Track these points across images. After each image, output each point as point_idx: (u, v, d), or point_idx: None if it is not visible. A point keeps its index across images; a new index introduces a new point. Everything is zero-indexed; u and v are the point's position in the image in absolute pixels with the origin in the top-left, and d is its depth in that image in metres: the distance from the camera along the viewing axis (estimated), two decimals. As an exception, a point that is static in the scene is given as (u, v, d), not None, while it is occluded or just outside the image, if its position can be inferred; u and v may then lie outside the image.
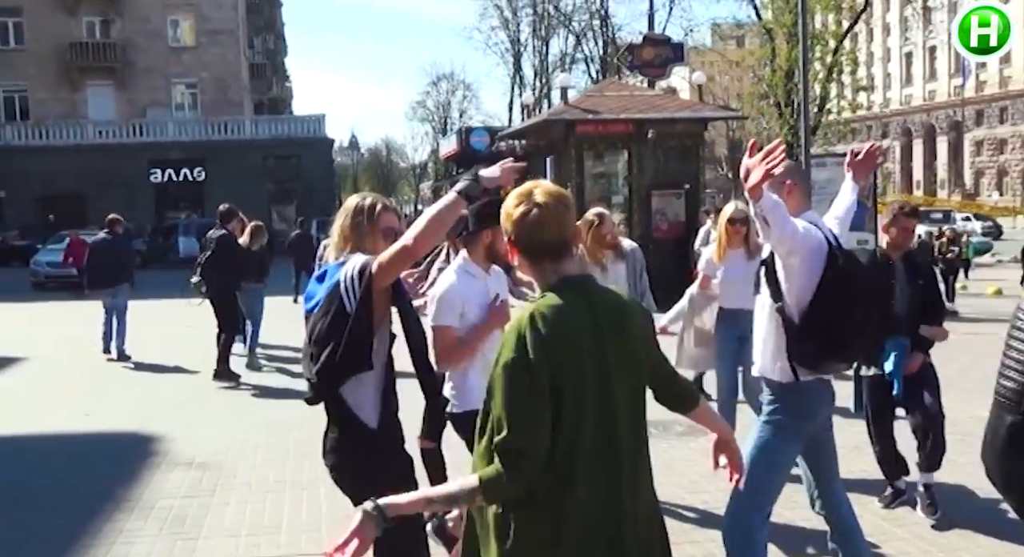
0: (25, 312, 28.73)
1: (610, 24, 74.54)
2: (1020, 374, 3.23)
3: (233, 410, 12.88)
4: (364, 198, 5.56)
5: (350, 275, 5.00)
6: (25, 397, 15.42)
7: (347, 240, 5.31)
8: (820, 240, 5.78)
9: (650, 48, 38.09)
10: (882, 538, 7.72)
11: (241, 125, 63.32)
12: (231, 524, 8.68)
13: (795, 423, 5.94)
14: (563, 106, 30.01)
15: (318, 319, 5.09)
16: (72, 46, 62.76)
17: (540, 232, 3.77)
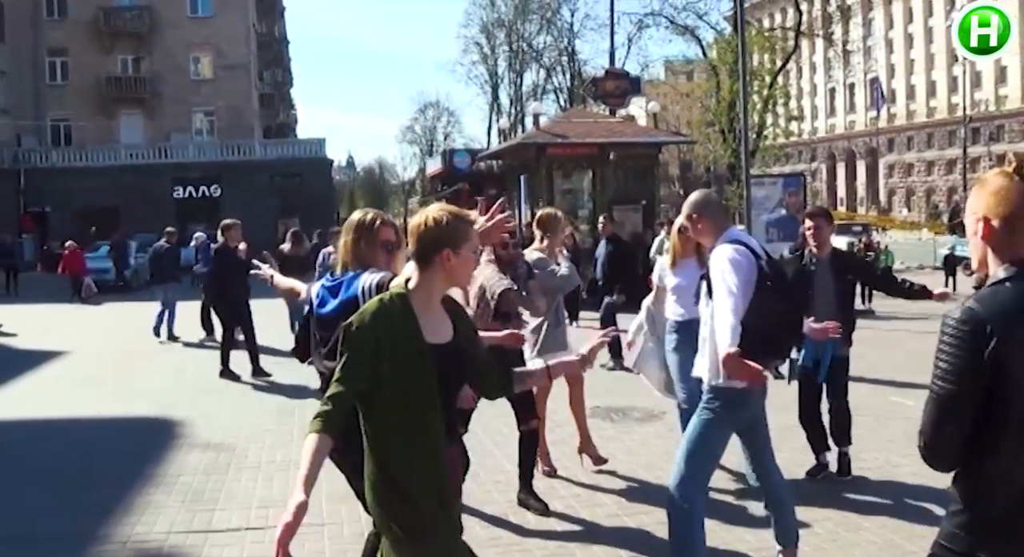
0: (68, 312, 28.38)
1: (576, 60, 74.90)
2: (959, 380, 3.10)
3: (245, 399, 12.80)
4: (365, 214, 5.43)
5: (368, 288, 4.90)
6: (66, 385, 15.36)
7: (351, 253, 5.20)
8: (750, 267, 5.76)
9: (611, 81, 37.99)
10: (810, 503, 7.60)
11: (252, 148, 63.11)
12: (243, 498, 8.66)
13: (731, 415, 5.96)
14: (535, 131, 30.00)
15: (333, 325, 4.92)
16: (108, 80, 62.78)
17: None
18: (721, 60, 46.09)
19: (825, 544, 7.04)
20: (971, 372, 3.09)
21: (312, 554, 7.06)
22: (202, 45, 63.72)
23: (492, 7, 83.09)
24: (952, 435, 3.20)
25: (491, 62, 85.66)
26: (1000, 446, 3.14)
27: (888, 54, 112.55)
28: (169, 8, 62.92)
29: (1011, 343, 3.04)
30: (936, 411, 3.21)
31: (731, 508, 7.80)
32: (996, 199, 3.22)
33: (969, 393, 3.11)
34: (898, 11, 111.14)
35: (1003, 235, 3.20)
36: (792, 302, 6.01)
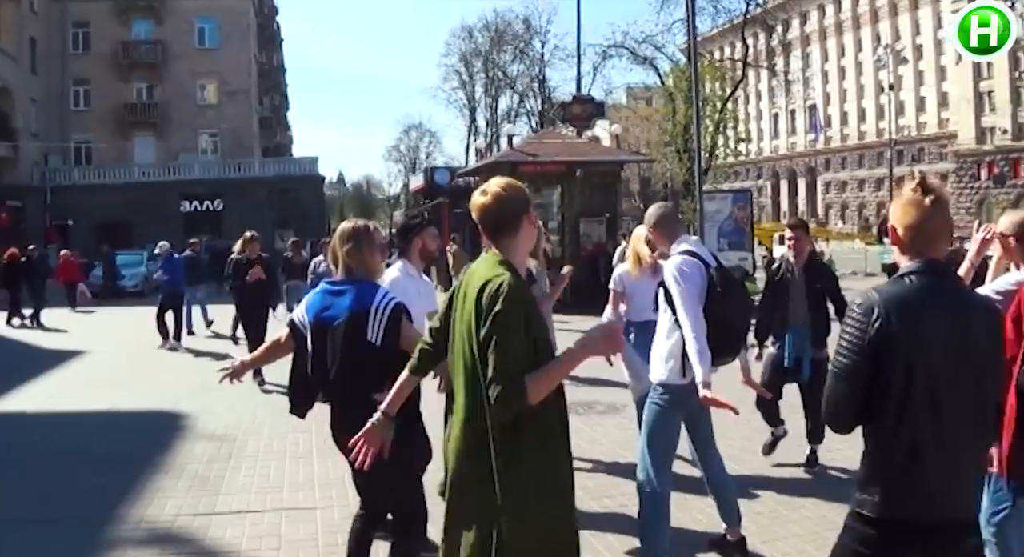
0: (85, 316, 28.17)
1: (546, 86, 74.71)
2: (855, 354, 3.38)
3: (245, 395, 12.67)
4: (355, 222, 5.39)
5: (383, 308, 4.88)
6: (83, 382, 15.34)
7: (353, 258, 5.12)
8: (699, 279, 5.81)
9: (578, 105, 37.96)
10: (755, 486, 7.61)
11: (252, 166, 63.29)
12: (243, 484, 8.65)
13: (676, 406, 6.00)
14: (509, 150, 29.90)
15: (339, 338, 4.92)
16: (126, 106, 63.00)
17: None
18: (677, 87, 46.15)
19: (767, 521, 7.11)
20: (863, 348, 3.35)
21: (304, 537, 7.01)
22: (208, 74, 63.92)
23: (470, 39, 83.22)
24: (848, 401, 3.43)
25: (469, 88, 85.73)
26: (886, 412, 3.34)
27: (824, 84, 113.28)
28: (179, 41, 63.30)
29: (895, 326, 3.29)
30: (835, 381, 3.46)
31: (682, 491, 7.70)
32: (902, 210, 3.50)
33: (862, 366, 3.36)
34: (832, 46, 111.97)
35: (908, 240, 3.48)
36: (738, 306, 6.00)
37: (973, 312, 3.44)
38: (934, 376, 3.30)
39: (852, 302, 3.47)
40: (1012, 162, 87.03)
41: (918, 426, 3.32)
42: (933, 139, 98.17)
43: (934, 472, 3.32)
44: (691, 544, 6.64)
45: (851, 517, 3.50)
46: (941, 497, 3.33)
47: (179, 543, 7.00)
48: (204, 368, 16.12)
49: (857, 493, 3.48)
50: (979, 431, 3.43)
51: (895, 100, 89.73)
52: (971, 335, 3.36)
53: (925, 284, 3.39)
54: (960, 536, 3.40)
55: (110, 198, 55.38)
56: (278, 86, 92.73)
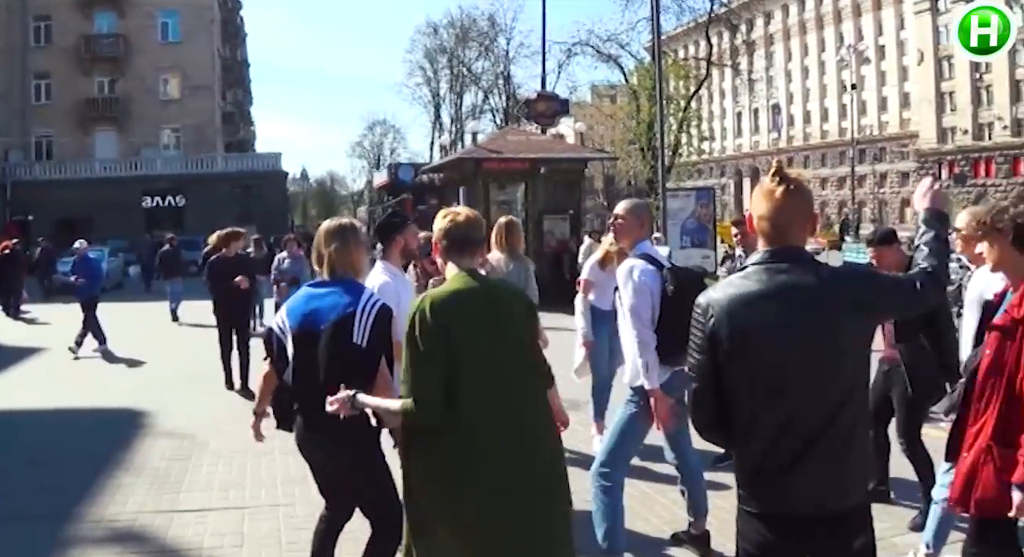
0: (43, 311, 27.73)
1: (511, 83, 74.89)
2: (699, 353, 3.44)
3: (206, 393, 12.65)
4: (339, 220, 5.32)
5: (368, 311, 4.82)
6: (44, 379, 15.20)
7: (337, 259, 5.01)
8: (649, 282, 5.93)
9: (543, 103, 38.01)
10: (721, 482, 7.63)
11: (214, 161, 62.93)
12: (205, 481, 8.60)
13: (651, 413, 6.00)
14: (473, 147, 29.90)
15: (326, 341, 4.84)
16: (87, 101, 62.38)
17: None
18: (641, 86, 46.34)
19: (729, 515, 7.02)
20: (704, 346, 3.41)
21: (267, 534, 7.00)
22: (170, 68, 63.38)
23: (435, 35, 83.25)
24: (702, 399, 3.50)
25: (434, 84, 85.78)
26: (735, 408, 3.39)
27: (787, 83, 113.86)
28: (141, 35, 62.69)
29: (726, 321, 3.35)
30: (691, 381, 3.54)
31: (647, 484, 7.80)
32: (756, 200, 3.49)
33: (706, 363, 3.41)
34: (796, 46, 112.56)
35: (761, 229, 3.47)
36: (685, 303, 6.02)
37: (820, 295, 3.32)
38: (782, 367, 3.29)
39: (697, 306, 3.51)
40: (972, 162, 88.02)
41: (765, 420, 3.33)
42: (895, 138, 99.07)
43: (787, 466, 3.30)
44: (653, 540, 6.68)
45: (736, 509, 3.55)
46: (799, 489, 3.30)
47: (140, 541, 6.96)
48: (164, 365, 16.17)
49: (737, 485, 3.54)
50: (842, 416, 3.32)
51: (857, 100, 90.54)
52: (817, 319, 3.29)
53: (765, 275, 3.37)
54: (830, 528, 3.34)
55: (71, 193, 54.77)
56: (241, 81, 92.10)
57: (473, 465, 3.93)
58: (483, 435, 3.94)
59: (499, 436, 3.96)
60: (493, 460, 3.93)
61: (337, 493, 5.18)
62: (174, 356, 17.29)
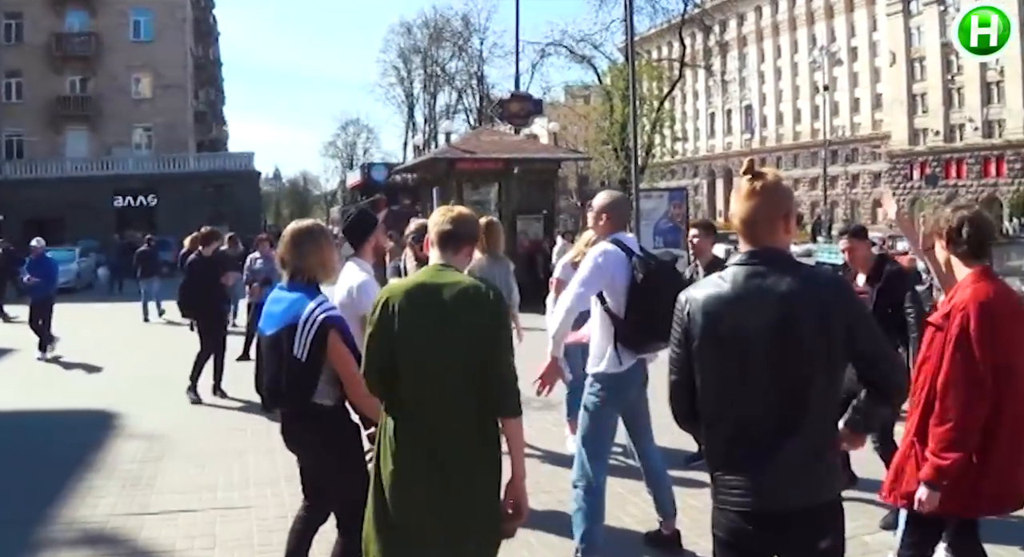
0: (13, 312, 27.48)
1: (485, 83, 74.91)
2: (677, 347, 3.55)
3: (178, 394, 12.56)
4: (305, 222, 5.27)
5: (311, 321, 4.75)
6: (15, 381, 15.07)
7: (303, 262, 4.98)
8: (616, 265, 5.97)
9: (516, 103, 37.99)
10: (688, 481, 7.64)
11: (186, 161, 62.55)
12: (176, 483, 8.55)
13: (612, 398, 6.10)
14: (447, 147, 29.89)
15: (270, 348, 4.89)
16: (58, 99, 61.80)
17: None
18: (614, 86, 46.45)
19: (700, 514, 7.03)
20: (681, 341, 3.52)
21: (239, 536, 6.97)
22: (143, 67, 62.88)
23: (409, 35, 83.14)
24: (678, 393, 3.59)
25: (407, 84, 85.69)
26: (704, 403, 3.48)
27: (760, 84, 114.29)
28: (114, 33, 62.23)
29: (700, 319, 3.44)
30: (669, 375, 3.62)
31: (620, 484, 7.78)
32: (734, 202, 3.57)
33: (683, 358, 3.52)
34: (768, 47, 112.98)
35: (740, 229, 3.53)
36: (663, 294, 5.84)
37: (795, 299, 3.35)
38: (752, 366, 3.35)
39: (678, 301, 3.60)
40: (943, 163, 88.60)
41: (739, 418, 3.40)
42: (867, 140, 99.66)
43: (757, 463, 3.37)
44: (626, 539, 6.70)
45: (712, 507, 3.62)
46: (765, 486, 3.35)
47: (112, 543, 6.93)
48: (135, 366, 16.07)
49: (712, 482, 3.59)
50: (805, 419, 3.35)
51: (830, 101, 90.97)
52: (788, 324, 3.32)
53: (745, 274, 3.42)
54: (800, 522, 3.38)
55: (42, 193, 54.28)
56: (214, 80, 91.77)
57: (387, 455, 4.06)
58: (400, 431, 4.04)
59: (411, 441, 4.03)
60: (403, 456, 4.02)
61: (320, 493, 5.18)
62: (145, 357, 17.22)
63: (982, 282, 4.30)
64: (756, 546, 3.45)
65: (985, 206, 58.53)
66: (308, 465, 5.13)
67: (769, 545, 3.45)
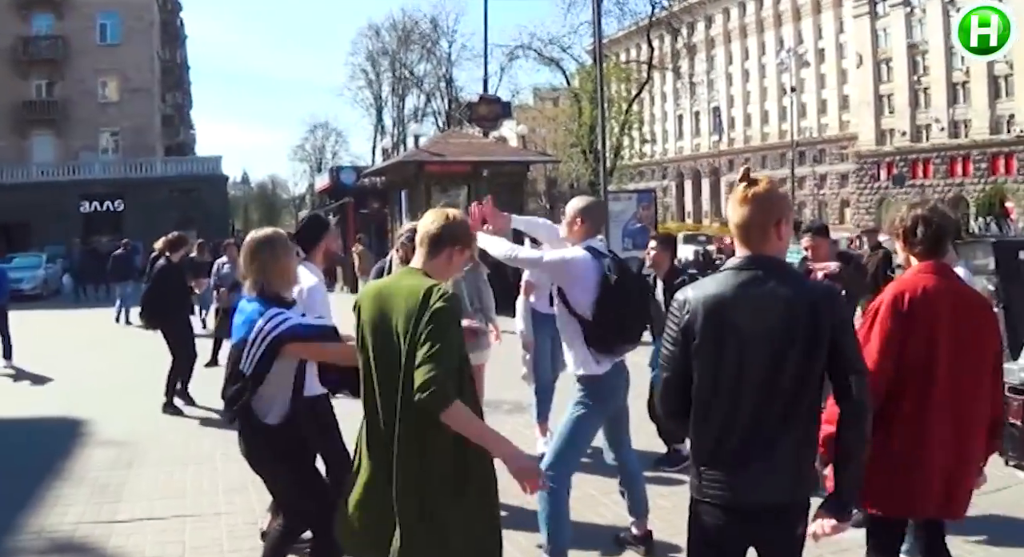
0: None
1: (453, 86, 75.04)
2: (672, 344, 3.62)
3: (145, 401, 12.47)
4: (264, 231, 5.16)
5: (261, 336, 4.68)
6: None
7: (261, 273, 4.89)
8: (585, 266, 5.93)
9: (485, 106, 37.95)
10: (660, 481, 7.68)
11: (154, 165, 61.91)
12: (145, 490, 8.49)
13: (600, 408, 6.08)
14: (415, 150, 29.93)
15: (229, 360, 4.88)
16: (24, 104, 61.23)
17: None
18: (583, 89, 46.56)
19: (671, 515, 7.10)
20: (677, 339, 3.60)
21: (208, 543, 6.93)
22: (109, 70, 62.34)
23: (377, 37, 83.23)
24: (670, 389, 3.68)
25: (376, 87, 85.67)
26: (698, 400, 3.57)
27: (728, 86, 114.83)
28: (80, 37, 61.66)
29: (701, 318, 3.52)
30: (661, 371, 3.72)
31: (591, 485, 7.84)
32: (730, 208, 3.68)
33: (678, 355, 3.60)
34: (736, 50, 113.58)
35: (737, 235, 3.65)
36: (633, 296, 6.12)
37: (794, 304, 3.49)
38: (746, 366, 3.48)
39: (675, 300, 3.69)
40: (910, 163, 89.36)
41: (730, 415, 3.52)
42: (834, 140, 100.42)
43: (745, 459, 3.50)
44: (598, 540, 6.72)
45: (690, 499, 3.72)
46: (753, 483, 3.49)
47: (80, 552, 6.90)
48: (100, 372, 15.94)
49: (690, 475, 3.71)
50: (800, 418, 3.51)
51: (797, 102, 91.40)
52: (786, 327, 3.46)
53: (741, 278, 3.55)
54: (777, 518, 3.56)
55: (8, 198, 53.55)
56: (181, 84, 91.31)
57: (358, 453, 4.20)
58: (362, 431, 4.17)
59: (368, 436, 4.12)
60: (364, 452, 4.13)
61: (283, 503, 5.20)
62: (112, 363, 17.09)
63: (921, 274, 4.33)
64: (735, 540, 3.63)
65: (952, 205, 58.97)
66: (264, 478, 5.09)
67: (748, 539, 3.64)
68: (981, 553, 6.18)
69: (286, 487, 4.99)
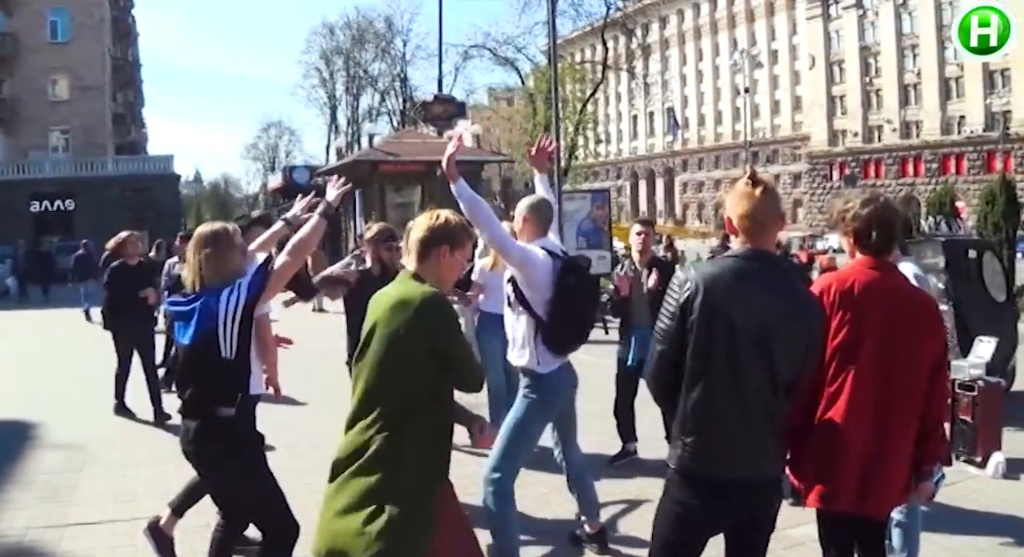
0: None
1: (408, 85, 75.07)
2: (669, 319, 3.77)
3: (95, 403, 12.31)
4: (212, 225, 5.08)
5: (232, 311, 4.64)
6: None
7: (208, 267, 4.82)
8: (544, 259, 5.95)
9: (439, 105, 38.01)
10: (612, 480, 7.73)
11: (105, 164, 61.10)
12: (96, 493, 8.39)
13: (548, 404, 6.08)
14: (369, 149, 29.93)
15: (189, 360, 4.79)
16: (-27, 103, 60.56)
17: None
18: (537, 89, 46.52)
19: (623, 513, 7.31)
20: (676, 314, 3.75)
21: (162, 544, 6.85)
22: (60, 68, 61.59)
23: (332, 36, 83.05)
24: (663, 362, 3.82)
25: (330, 86, 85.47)
26: (694, 375, 3.73)
27: (682, 87, 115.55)
28: (30, 34, 60.89)
29: (703, 297, 3.69)
30: (654, 344, 3.86)
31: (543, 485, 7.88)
32: (737, 201, 3.88)
33: (675, 330, 3.75)
34: (691, 51, 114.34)
35: (742, 227, 3.85)
36: (586, 295, 6.20)
37: (785, 299, 3.79)
38: (736, 346, 3.66)
39: (677, 273, 3.89)
40: (862, 163, 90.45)
41: (719, 390, 3.70)
42: (787, 141, 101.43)
43: (731, 433, 3.70)
44: (550, 539, 6.76)
45: (668, 471, 3.89)
46: (737, 456, 3.71)
47: (31, 556, 6.82)
48: (52, 374, 15.76)
49: (670, 448, 3.90)
50: (774, 402, 3.79)
51: (751, 103, 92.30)
52: (774, 318, 3.71)
53: (744, 266, 3.77)
54: (751, 493, 3.80)
55: (-45, 198, 52.83)
56: (133, 81, 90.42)
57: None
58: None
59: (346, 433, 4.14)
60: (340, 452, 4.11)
61: (227, 504, 5.15)
62: (63, 365, 16.87)
63: (857, 268, 4.36)
64: (719, 514, 3.83)
65: (904, 205, 59.64)
66: (210, 478, 5.03)
67: (733, 513, 3.84)
68: (931, 547, 6.25)
69: (237, 482, 4.89)
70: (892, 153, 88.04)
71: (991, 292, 11.91)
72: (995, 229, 20.06)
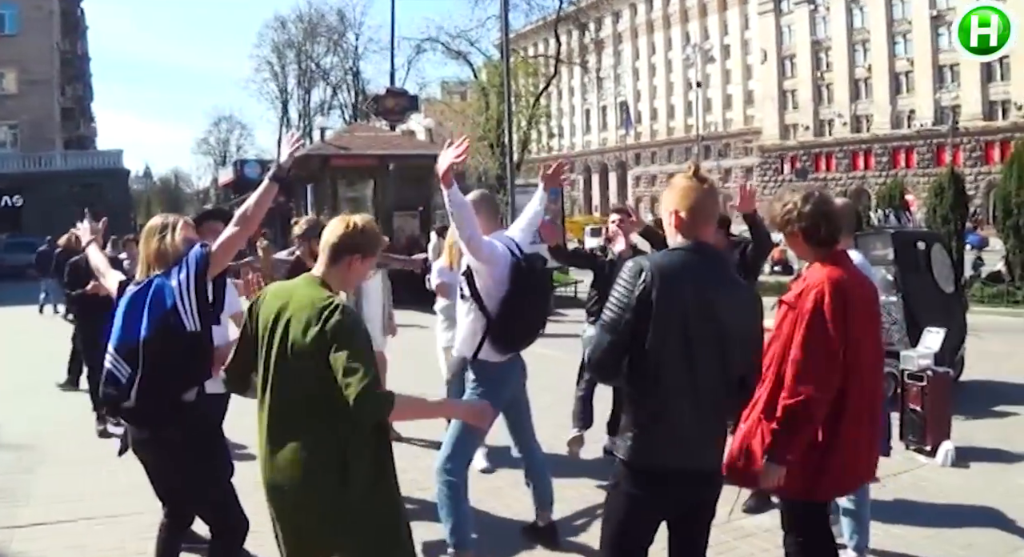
0: None
1: (360, 79, 74.78)
2: (622, 309, 3.78)
3: (46, 403, 12.20)
4: (164, 216, 5.09)
5: (183, 288, 4.63)
6: None
7: (156, 259, 4.82)
8: (504, 254, 6.02)
9: (392, 99, 37.82)
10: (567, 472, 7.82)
11: (53, 159, 60.54)
12: (47, 493, 8.30)
13: (494, 393, 5.98)
14: (321, 143, 29.75)
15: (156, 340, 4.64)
16: (-81, 97, 59.43)
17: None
18: (490, 83, 46.50)
19: (577, 505, 7.37)
20: (629, 305, 3.76)
21: (112, 545, 6.83)
22: (7, 62, 60.62)
23: (283, 30, 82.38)
24: (612, 351, 3.84)
25: (281, 80, 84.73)
26: (645, 364, 3.77)
27: (635, 81, 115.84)
28: (-23, 26, 59.99)
29: (658, 288, 3.72)
30: (602, 332, 3.87)
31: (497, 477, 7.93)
32: (681, 195, 3.96)
33: (627, 320, 3.76)
34: (643, 45, 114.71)
35: (687, 220, 3.92)
36: (540, 295, 6.33)
37: (730, 290, 3.93)
38: (689, 338, 3.75)
39: (626, 264, 3.89)
40: (814, 157, 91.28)
41: (670, 381, 3.77)
42: (739, 135, 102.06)
43: (682, 426, 3.79)
44: (503, 532, 6.78)
45: (619, 464, 3.95)
46: (686, 447, 3.80)
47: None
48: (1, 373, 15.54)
49: (617, 439, 3.99)
50: (724, 394, 3.93)
51: (703, 97, 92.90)
52: (723, 310, 3.83)
53: (691, 259, 3.86)
54: (700, 483, 3.95)
55: (-99, 194, 51.94)
56: (82, 75, 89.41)
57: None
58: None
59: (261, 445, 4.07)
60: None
61: (169, 497, 5.11)
62: (10, 363, 16.63)
63: (834, 264, 4.44)
64: (670, 505, 3.94)
65: (854, 198, 60.26)
66: (161, 468, 4.92)
67: (683, 503, 3.96)
68: (881, 534, 6.33)
69: (196, 470, 4.81)
70: (843, 147, 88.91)
71: (940, 283, 12.10)
72: (944, 221, 20.40)
